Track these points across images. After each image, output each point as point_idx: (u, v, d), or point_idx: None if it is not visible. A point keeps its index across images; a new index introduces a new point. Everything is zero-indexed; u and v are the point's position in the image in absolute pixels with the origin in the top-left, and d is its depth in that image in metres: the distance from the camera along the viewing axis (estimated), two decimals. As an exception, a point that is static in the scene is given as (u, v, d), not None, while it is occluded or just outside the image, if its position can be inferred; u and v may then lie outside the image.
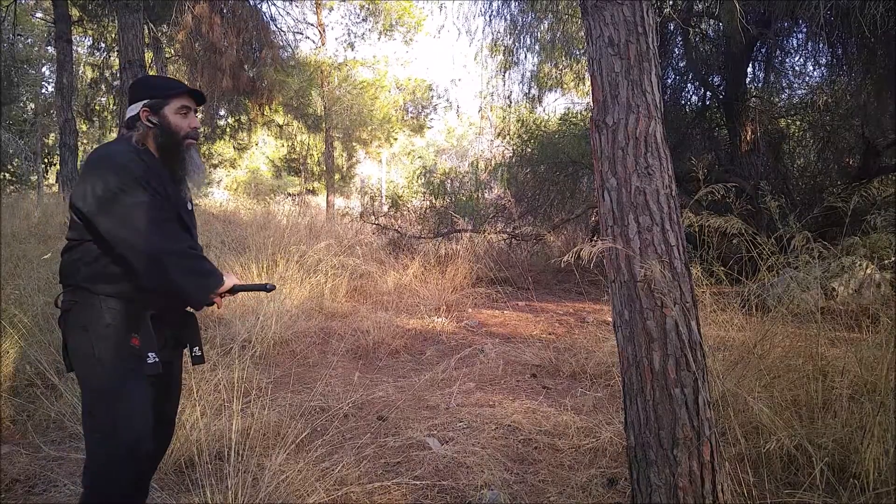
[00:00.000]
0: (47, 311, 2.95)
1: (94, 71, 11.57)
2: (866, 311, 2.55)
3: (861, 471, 1.50)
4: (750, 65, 6.02)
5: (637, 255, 1.41)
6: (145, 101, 1.31)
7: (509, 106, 8.21)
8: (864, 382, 1.77)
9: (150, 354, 1.27)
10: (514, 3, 6.83)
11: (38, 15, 13.21)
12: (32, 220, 7.17)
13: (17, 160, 13.31)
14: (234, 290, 1.33)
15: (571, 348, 3.35)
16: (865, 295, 3.49)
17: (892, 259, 3.45)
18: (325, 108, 13.03)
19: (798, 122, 6.34)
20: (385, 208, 7.34)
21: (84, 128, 13.01)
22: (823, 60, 5.53)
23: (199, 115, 1.43)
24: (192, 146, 1.35)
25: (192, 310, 1.41)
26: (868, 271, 3.65)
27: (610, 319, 1.98)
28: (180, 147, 1.33)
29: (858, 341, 2.13)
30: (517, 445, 2.11)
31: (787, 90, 6.39)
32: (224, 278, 1.30)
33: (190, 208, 1.40)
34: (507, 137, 7.68)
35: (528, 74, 7.96)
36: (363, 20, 13.81)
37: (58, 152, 9.53)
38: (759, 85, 6.22)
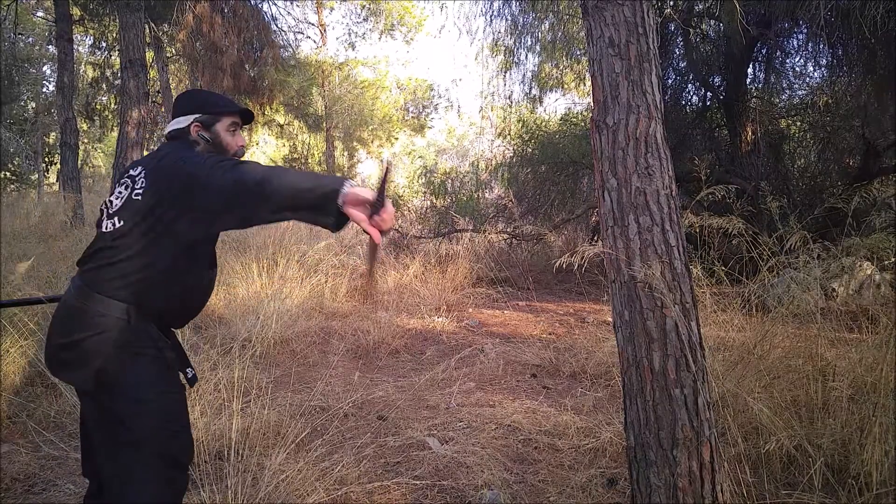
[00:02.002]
0: (47, 310, 2.95)
1: (95, 70, 11.58)
2: (866, 312, 2.55)
3: (861, 471, 1.50)
4: (750, 65, 6.02)
5: (637, 256, 1.41)
6: (197, 116, 1.28)
7: (510, 106, 8.21)
8: (864, 383, 1.77)
9: (188, 369, 1.28)
10: (514, 4, 6.83)
11: (39, 14, 13.22)
12: (33, 220, 7.19)
13: (17, 159, 13.32)
14: (378, 205, 0.98)
15: (571, 348, 3.35)
16: (865, 296, 3.49)
17: (892, 260, 3.45)
18: (325, 107, 13.04)
19: (798, 123, 6.34)
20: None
21: (85, 127, 13.02)
22: (824, 61, 5.53)
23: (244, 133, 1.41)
24: None
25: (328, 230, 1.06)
26: (868, 272, 3.65)
27: (610, 319, 1.98)
28: None
29: (858, 342, 2.13)
30: (517, 445, 2.11)
31: (787, 91, 6.39)
32: (348, 185, 1.00)
33: None
34: (508, 137, 7.68)
35: (529, 74, 7.98)
36: (364, 20, 13.84)
37: (58, 151, 9.54)
38: (760, 85, 6.22)
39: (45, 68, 14.79)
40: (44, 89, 14.64)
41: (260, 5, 8.84)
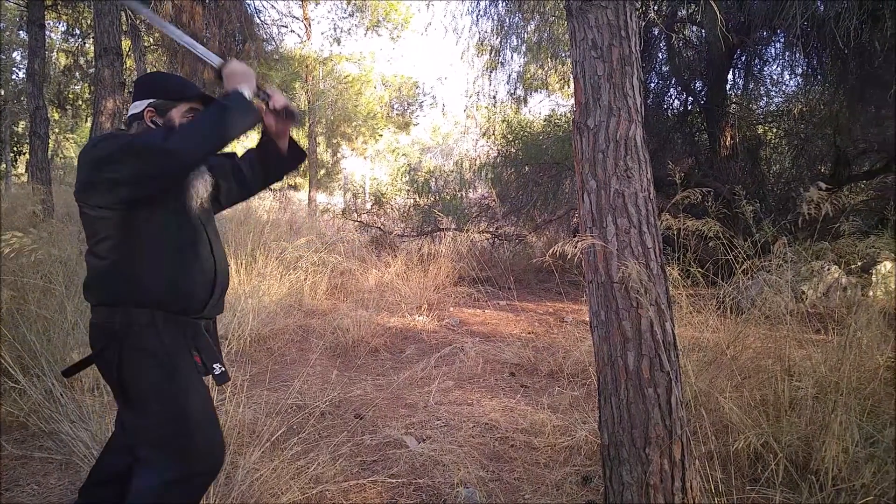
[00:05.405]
0: (12, 306, 2.83)
1: (67, 58, 11.15)
2: (832, 314, 2.64)
3: (820, 468, 1.55)
4: (730, 72, 6.17)
5: (614, 257, 1.43)
6: (151, 101, 1.23)
7: (495, 106, 8.24)
8: (828, 383, 1.83)
9: (215, 365, 1.23)
10: (501, 4, 6.85)
11: (9, -3, 12.66)
12: (-1, 211, 6.88)
13: (-17, 148, 12.75)
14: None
15: (550, 347, 3.38)
16: (832, 298, 3.62)
17: (859, 264, 3.58)
18: (308, 102, 12.87)
19: (775, 130, 6.53)
20: (368, 205, 7.30)
21: (56, 116, 12.54)
22: (799, 70, 5.71)
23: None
24: None
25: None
26: (836, 275, 3.78)
27: (588, 319, 2.01)
28: None
29: (824, 343, 2.20)
30: (494, 443, 2.12)
31: (765, 98, 6.58)
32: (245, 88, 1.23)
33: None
34: (492, 137, 7.71)
35: (514, 75, 8.00)
36: (350, 15, 13.67)
37: (27, 141, 9.17)
38: (739, 92, 6.38)
39: (14, 54, 14.15)
40: (13, 76, 14.03)
41: (243, -4, 8.64)
